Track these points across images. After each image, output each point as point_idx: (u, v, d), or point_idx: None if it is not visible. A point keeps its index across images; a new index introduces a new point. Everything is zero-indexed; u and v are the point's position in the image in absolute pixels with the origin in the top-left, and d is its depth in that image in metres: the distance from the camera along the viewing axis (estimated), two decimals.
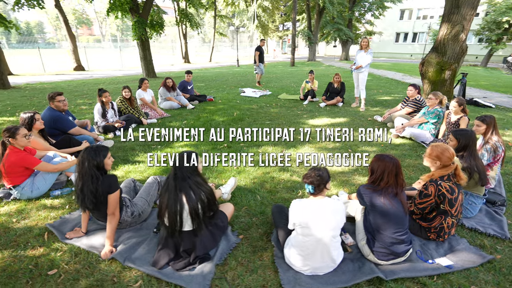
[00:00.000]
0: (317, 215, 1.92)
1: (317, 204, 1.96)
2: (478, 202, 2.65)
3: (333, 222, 1.91)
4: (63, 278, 1.95)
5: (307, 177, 1.98)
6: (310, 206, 1.96)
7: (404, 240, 2.03)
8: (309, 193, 2.01)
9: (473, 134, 2.62)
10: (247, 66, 21.63)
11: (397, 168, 2.06)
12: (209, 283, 1.90)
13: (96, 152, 2.14)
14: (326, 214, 1.92)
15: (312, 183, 1.97)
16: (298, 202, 2.04)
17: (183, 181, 2.01)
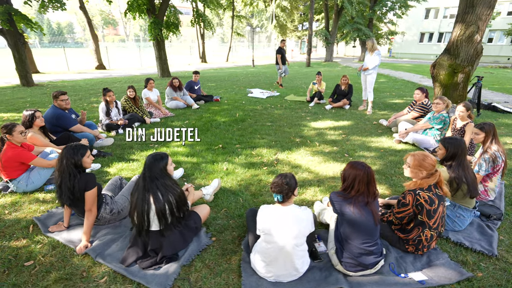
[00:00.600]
0: (280, 222, 1.90)
1: (281, 211, 1.93)
2: (467, 215, 2.49)
3: (296, 230, 1.87)
4: (37, 270, 2.05)
5: (275, 186, 1.95)
6: (274, 213, 1.94)
7: (373, 251, 1.96)
8: (277, 201, 1.98)
9: (462, 142, 2.47)
10: (263, 66, 21.63)
11: (369, 176, 1.99)
12: (171, 283, 1.93)
13: (75, 151, 2.23)
14: (289, 222, 1.89)
15: (281, 192, 1.95)
16: (264, 208, 2.02)
17: (151, 182, 2.05)
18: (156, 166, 2.10)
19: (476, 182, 2.45)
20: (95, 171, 3.59)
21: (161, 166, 2.13)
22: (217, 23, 55.13)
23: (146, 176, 2.07)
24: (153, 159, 2.11)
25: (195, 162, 3.92)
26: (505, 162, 2.91)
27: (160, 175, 2.09)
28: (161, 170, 2.10)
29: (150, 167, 2.08)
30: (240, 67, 21.41)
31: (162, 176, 2.09)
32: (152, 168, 2.07)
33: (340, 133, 5.23)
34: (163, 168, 2.13)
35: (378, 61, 6.30)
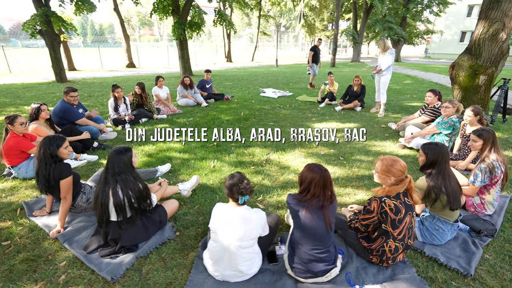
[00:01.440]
0: (226, 222, 1.88)
1: (230, 211, 1.91)
2: (447, 229, 2.28)
3: (241, 232, 1.84)
4: (10, 249, 2.22)
5: (246, 189, 1.91)
6: (223, 213, 1.92)
7: (323, 258, 1.87)
8: (239, 203, 1.93)
9: (444, 149, 2.26)
10: (286, 66, 21.46)
11: (325, 180, 1.90)
12: (122, 273, 2.00)
13: (51, 142, 2.39)
14: (235, 223, 1.86)
15: (251, 193, 1.94)
16: (218, 206, 2.01)
17: (112, 176, 2.13)
18: (119, 160, 2.17)
19: (458, 193, 2.23)
20: (91, 162, 3.81)
21: (124, 160, 2.20)
22: (246, 23, 55.74)
23: (108, 169, 2.16)
24: (116, 153, 2.18)
25: (186, 158, 4.01)
26: (505, 174, 2.63)
27: (123, 169, 2.16)
28: (124, 164, 2.17)
29: (113, 161, 2.15)
30: (263, 66, 21.42)
31: (125, 171, 2.16)
32: (115, 162, 2.15)
33: (343, 135, 5.03)
34: (127, 161, 2.20)
35: (391, 61, 5.97)
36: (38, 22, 10.41)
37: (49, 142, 2.38)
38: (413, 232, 2.08)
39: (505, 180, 2.65)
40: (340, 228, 2.34)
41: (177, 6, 13.10)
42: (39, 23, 10.43)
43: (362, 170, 3.70)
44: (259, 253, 2.02)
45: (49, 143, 2.38)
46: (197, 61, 23.70)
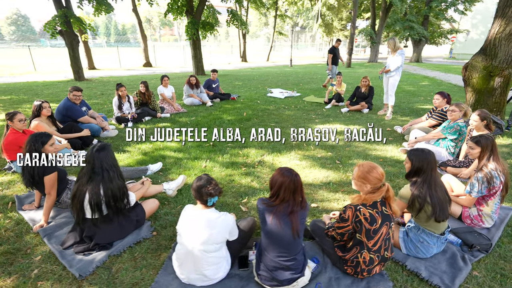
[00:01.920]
0: (190, 225, 1.85)
1: (195, 214, 1.88)
2: (432, 242, 2.13)
3: (205, 236, 1.80)
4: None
5: (215, 189, 1.88)
6: (189, 215, 1.90)
7: (289, 266, 1.79)
8: (208, 205, 1.90)
9: (431, 156, 2.11)
10: (300, 66, 21.22)
11: (295, 184, 1.83)
12: (91, 270, 2.01)
13: (36, 138, 2.45)
14: (199, 226, 1.83)
15: (220, 194, 1.91)
16: (186, 207, 1.99)
17: (99, 174, 2.14)
18: (105, 157, 2.20)
19: (445, 204, 2.08)
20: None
21: (110, 156, 2.23)
22: (264, 23, 55.67)
23: (95, 167, 2.18)
24: (99, 150, 2.20)
25: (179, 157, 4.02)
26: (505, 184, 2.43)
27: (109, 166, 2.18)
28: (111, 160, 2.19)
29: (99, 159, 2.17)
30: (277, 66, 21.30)
31: (111, 168, 2.18)
32: (102, 159, 2.17)
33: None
34: (112, 158, 2.23)
35: (401, 62, 5.73)
36: (58, 23, 10.88)
37: (34, 139, 2.45)
38: (390, 244, 1.96)
39: (504, 191, 2.45)
40: (318, 235, 2.25)
41: (191, 6, 13.27)
42: (59, 23, 10.90)
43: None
44: (226, 258, 1.97)
45: (34, 140, 2.44)
46: (212, 60, 23.96)
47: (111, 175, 2.22)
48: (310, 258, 2.15)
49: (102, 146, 2.25)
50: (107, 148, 2.26)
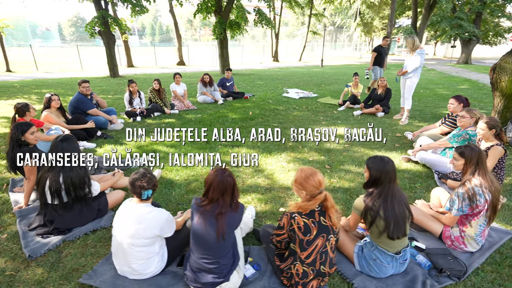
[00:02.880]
0: (121, 218, 1.88)
1: (128, 207, 1.90)
2: (386, 261, 1.91)
3: (133, 230, 1.81)
4: None
5: (148, 183, 1.89)
6: (123, 208, 1.92)
7: (212, 270, 1.73)
8: (143, 199, 1.92)
9: (390, 166, 1.88)
10: (331, 67, 20.54)
11: (225, 185, 1.76)
12: (42, 252, 2.14)
13: (17, 128, 2.67)
14: (128, 219, 1.84)
15: (154, 187, 1.93)
16: (126, 201, 2.01)
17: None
18: (68, 147, 2.33)
19: (402, 221, 1.84)
20: (88, 150, 4.18)
21: (74, 147, 2.36)
22: (301, 23, 54.83)
23: (53, 156, 2.33)
24: (60, 142, 2.34)
25: (168, 152, 4.12)
26: (491, 204, 2.09)
27: (63, 155, 2.31)
28: (65, 152, 2.32)
29: (62, 148, 2.31)
30: (307, 67, 20.85)
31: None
32: (65, 149, 2.31)
33: (345, 142, 4.60)
34: (69, 149, 2.35)
35: (419, 62, 5.25)
36: (97, 24, 11.81)
37: (15, 128, 2.67)
38: (329, 258, 1.79)
39: (491, 211, 2.10)
40: (265, 241, 2.15)
41: (220, 6, 13.53)
42: (98, 24, 11.83)
43: (342, 181, 3.34)
44: (160, 254, 1.96)
45: (16, 129, 2.67)
46: (244, 60, 24.23)
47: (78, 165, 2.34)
48: (252, 264, 2.06)
49: (66, 137, 2.39)
50: (71, 139, 2.39)
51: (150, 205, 1.93)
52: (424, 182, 3.34)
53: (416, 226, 2.49)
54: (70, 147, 2.36)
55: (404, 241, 1.92)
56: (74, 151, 2.37)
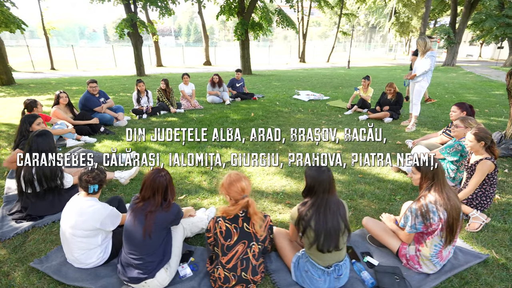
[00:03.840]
0: (67, 209, 2.02)
1: (74, 200, 2.03)
2: (317, 274, 1.83)
3: (73, 221, 1.94)
4: None
5: (94, 178, 2.02)
6: (72, 200, 2.06)
7: (137, 266, 1.80)
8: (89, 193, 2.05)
9: (325, 175, 1.80)
10: (358, 69, 19.79)
11: (158, 185, 1.83)
12: (11, 235, 2.37)
13: (25, 120, 3.05)
14: (71, 211, 1.98)
15: (99, 182, 2.06)
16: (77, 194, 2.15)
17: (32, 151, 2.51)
18: (43, 141, 2.56)
19: (334, 234, 1.76)
20: (88, 143, 4.49)
21: (48, 142, 2.59)
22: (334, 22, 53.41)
23: (32, 149, 2.56)
24: (38, 135, 2.57)
25: (156, 149, 4.29)
26: (447, 223, 1.91)
27: (44, 149, 2.53)
28: (39, 146, 2.54)
29: (36, 142, 2.54)
30: (333, 68, 20.30)
31: (45, 151, 2.53)
32: (39, 143, 2.53)
33: (339, 147, 4.45)
34: (50, 143, 2.58)
35: (429, 65, 4.90)
36: (126, 26, 12.57)
37: (23, 120, 3.02)
38: (251, 266, 1.77)
39: (447, 231, 1.92)
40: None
41: (242, 8, 13.69)
42: (127, 26, 12.59)
43: None
44: (104, 246, 2.07)
45: (24, 121, 3.01)
46: (271, 60, 24.24)
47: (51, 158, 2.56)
48: (190, 264, 2.10)
49: (42, 132, 2.61)
50: (46, 134, 2.61)
51: (95, 200, 2.05)
52: (407, 194, 3.13)
53: (376, 241, 2.35)
54: (45, 142, 2.58)
55: (338, 255, 1.83)
56: (48, 146, 2.58)
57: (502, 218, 2.68)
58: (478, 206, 2.70)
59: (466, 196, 2.69)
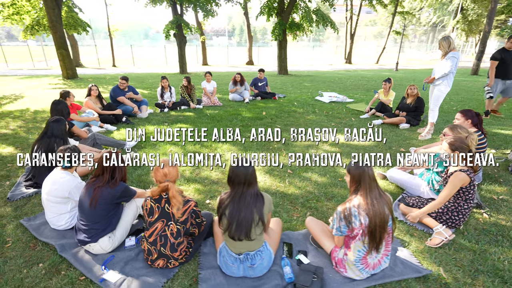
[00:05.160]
0: (47, 178, 2.46)
1: (54, 172, 2.47)
2: (230, 260, 1.96)
3: (47, 188, 2.37)
4: None
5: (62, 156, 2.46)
6: (52, 171, 2.51)
7: (85, 231, 2.13)
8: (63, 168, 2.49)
9: (243, 169, 1.89)
10: (406, 71, 18.30)
11: (106, 162, 2.15)
12: (18, 197, 2.95)
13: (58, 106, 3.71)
14: (48, 180, 2.41)
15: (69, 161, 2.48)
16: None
17: (49, 137, 3.08)
18: (57, 127, 3.14)
19: (246, 224, 1.86)
20: (109, 131, 5.14)
21: (61, 127, 3.16)
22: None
23: (44, 130, 3.14)
24: (52, 122, 3.14)
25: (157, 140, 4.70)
26: (369, 229, 1.87)
27: (53, 134, 3.10)
28: (53, 130, 3.11)
29: (52, 127, 3.12)
30: (379, 70, 19.11)
31: (53, 135, 3.09)
32: (54, 128, 3.11)
33: (336, 150, 4.36)
34: (63, 129, 3.16)
35: (449, 68, 4.47)
36: (172, 27, 13.65)
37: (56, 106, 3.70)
38: (169, 243, 1.97)
39: (370, 238, 1.87)
40: None
41: (282, 8, 13.77)
42: (172, 27, 13.67)
43: (291, 188, 3.27)
44: (73, 213, 2.47)
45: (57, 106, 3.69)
46: (315, 61, 23.84)
47: (55, 140, 3.11)
48: (136, 237, 2.38)
49: (58, 119, 3.18)
50: (61, 121, 3.18)
51: (67, 173, 2.46)
52: None
53: (316, 242, 2.36)
54: (58, 127, 3.15)
55: (250, 244, 1.93)
56: (59, 130, 3.15)
57: (476, 238, 2.42)
58: (448, 221, 2.49)
59: (433, 208, 2.50)
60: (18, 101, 7.71)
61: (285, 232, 2.49)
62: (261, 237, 1.97)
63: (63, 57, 11.55)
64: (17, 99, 8.03)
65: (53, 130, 3.12)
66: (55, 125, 3.15)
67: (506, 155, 4.08)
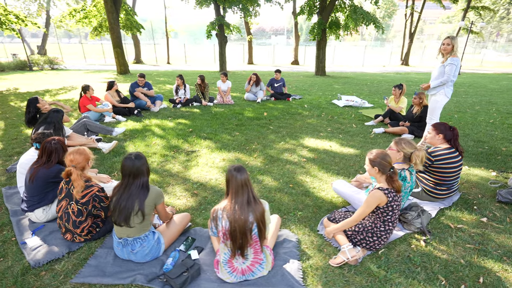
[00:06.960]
0: (24, 154, 3.01)
1: (29, 150, 3.01)
2: (115, 243, 2.17)
3: (20, 161, 2.90)
4: None
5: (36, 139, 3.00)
6: (30, 149, 3.06)
7: (25, 201, 2.59)
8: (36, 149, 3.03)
9: (129, 161, 2.08)
10: (467, 76, 15.91)
11: (47, 149, 2.57)
12: (14, 170, 3.65)
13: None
14: (24, 155, 2.96)
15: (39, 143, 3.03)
16: None
17: (44, 120, 3.76)
18: (52, 115, 3.80)
19: (126, 212, 2.05)
20: (119, 121, 5.83)
21: (53, 116, 3.81)
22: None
23: (45, 115, 3.83)
24: (52, 112, 3.80)
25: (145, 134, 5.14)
26: (229, 232, 1.90)
27: (51, 121, 3.75)
28: (53, 118, 3.76)
29: (48, 114, 3.79)
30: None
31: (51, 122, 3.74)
32: (49, 115, 3.77)
33: (311, 156, 4.23)
34: (55, 118, 3.81)
35: (447, 76, 3.94)
36: (214, 27, 14.38)
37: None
38: (71, 220, 2.27)
39: (232, 242, 1.90)
40: None
41: (323, 7, 13.35)
42: (214, 27, 14.39)
43: None
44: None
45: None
46: (366, 62, 22.38)
47: (53, 126, 3.76)
48: None
49: (57, 110, 3.83)
50: (60, 112, 3.83)
51: (37, 152, 2.97)
52: (322, 213, 2.86)
53: None
54: (56, 116, 3.80)
55: (129, 231, 2.11)
56: (57, 119, 3.80)
57: (389, 266, 2.19)
58: (362, 242, 2.30)
59: (347, 226, 2.35)
60: (71, 92, 9.16)
61: (195, 228, 2.61)
62: (143, 226, 2.14)
63: (118, 55, 13.19)
64: (71, 90, 9.54)
65: (52, 118, 3.76)
66: (55, 114, 3.79)
67: (506, 179, 3.43)
